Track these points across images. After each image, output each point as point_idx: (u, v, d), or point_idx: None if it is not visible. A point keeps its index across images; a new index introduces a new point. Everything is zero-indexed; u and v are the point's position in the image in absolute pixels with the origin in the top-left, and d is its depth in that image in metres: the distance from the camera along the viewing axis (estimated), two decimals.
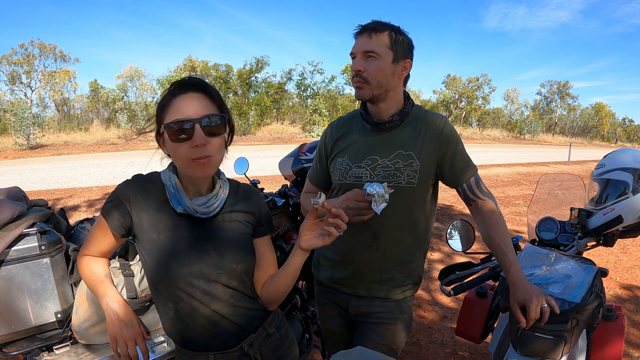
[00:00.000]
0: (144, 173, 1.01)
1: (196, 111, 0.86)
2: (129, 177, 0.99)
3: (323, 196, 0.90)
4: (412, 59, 1.24)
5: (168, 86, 0.93)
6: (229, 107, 0.96)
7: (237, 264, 0.97)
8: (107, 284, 1.01)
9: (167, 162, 0.99)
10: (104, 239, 0.98)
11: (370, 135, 1.27)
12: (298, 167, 2.05)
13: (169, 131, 0.86)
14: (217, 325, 0.97)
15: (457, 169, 1.23)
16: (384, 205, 1.03)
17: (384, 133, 1.25)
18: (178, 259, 0.92)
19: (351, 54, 1.23)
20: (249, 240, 1.02)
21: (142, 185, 0.96)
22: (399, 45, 1.20)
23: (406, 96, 1.27)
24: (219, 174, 1.01)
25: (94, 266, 1.03)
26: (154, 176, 0.99)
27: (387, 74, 1.19)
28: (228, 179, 1.05)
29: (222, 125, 0.89)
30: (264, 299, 1.05)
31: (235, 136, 1.00)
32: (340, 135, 1.33)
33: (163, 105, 0.89)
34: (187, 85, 0.89)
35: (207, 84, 0.91)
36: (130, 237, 0.99)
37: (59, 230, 1.31)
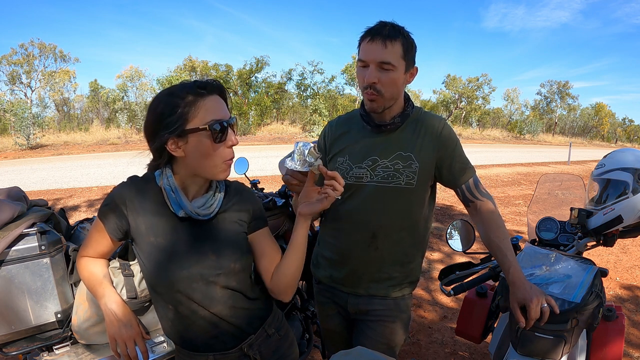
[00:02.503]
0: (140, 175, 1.00)
1: (224, 113, 0.89)
2: (125, 180, 0.97)
3: (319, 160, 0.90)
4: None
5: (184, 80, 0.93)
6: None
7: (234, 262, 0.96)
8: (105, 284, 1.01)
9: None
10: (102, 241, 0.98)
11: (371, 136, 1.27)
12: None
13: (213, 132, 0.86)
14: (216, 327, 0.97)
15: (455, 171, 1.23)
16: (302, 166, 0.92)
17: (384, 134, 1.25)
18: (177, 262, 0.92)
19: (361, 60, 1.17)
20: (245, 239, 1.02)
21: (138, 188, 0.95)
22: (409, 54, 1.17)
23: (406, 98, 1.27)
24: None
25: (93, 267, 1.03)
26: (149, 178, 0.97)
27: (400, 84, 1.18)
28: None
29: (235, 126, 0.93)
30: (277, 288, 1.01)
31: None
32: (340, 134, 1.33)
33: (187, 104, 0.85)
34: (213, 87, 0.90)
35: (225, 89, 0.94)
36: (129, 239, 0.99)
37: (59, 230, 1.30)
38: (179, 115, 0.85)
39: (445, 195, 6.73)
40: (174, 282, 0.91)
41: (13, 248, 1.14)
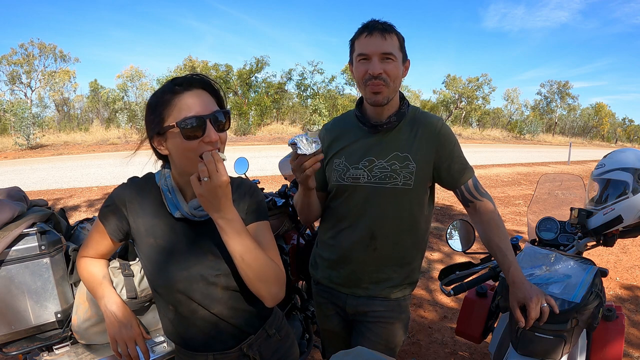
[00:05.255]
0: (140, 175, 1.00)
1: (204, 108, 0.85)
2: (125, 181, 0.97)
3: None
4: None
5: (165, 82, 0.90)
6: (229, 106, 0.95)
7: (233, 264, 0.96)
8: (105, 285, 1.01)
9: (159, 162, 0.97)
10: (102, 242, 0.98)
11: (367, 136, 1.26)
12: None
13: (183, 129, 0.82)
14: (216, 327, 0.97)
15: (454, 171, 1.23)
16: (315, 146, 0.99)
17: (380, 134, 1.25)
18: (176, 263, 0.92)
19: (361, 54, 1.17)
20: None
21: (138, 189, 0.95)
22: (403, 46, 1.21)
23: (401, 97, 1.27)
24: None
25: (93, 268, 1.03)
26: (150, 179, 0.97)
27: (400, 75, 1.20)
28: None
29: (227, 121, 0.89)
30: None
31: (235, 136, 0.98)
32: (335, 136, 1.32)
33: (163, 102, 0.85)
34: (192, 82, 0.87)
35: (211, 81, 0.90)
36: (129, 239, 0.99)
37: (59, 230, 1.30)
38: (157, 114, 0.86)
39: (445, 195, 6.72)
40: (174, 283, 0.91)
41: (13, 248, 1.13)
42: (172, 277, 0.91)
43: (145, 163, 0.99)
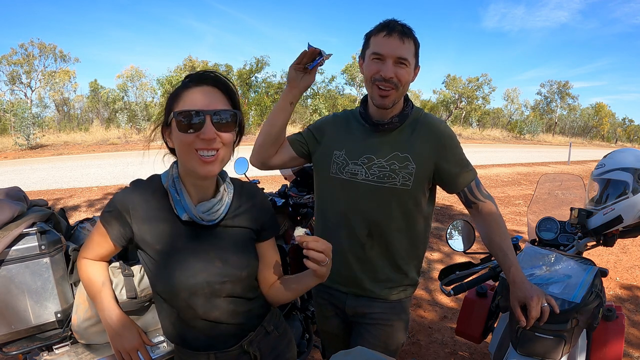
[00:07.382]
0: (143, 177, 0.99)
1: (208, 104, 0.84)
2: (128, 185, 0.96)
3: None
4: None
5: (183, 78, 0.91)
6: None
7: (241, 270, 0.95)
8: (104, 294, 1.01)
9: (168, 161, 0.97)
10: (103, 245, 0.97)
11: (368, 134, 1.26)
12: (298, 167, 2.05)
13: (178, 120, 0.83)
14: (217, 328, 0.97)
15: (456, 174, 1.23)
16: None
17: (381, 134, 1.25)
18: (182, 270, 0.91)
19: (376, 53, 1.15)
20: (252, 245, 1.01)
21: (142, 194, 0.93)
22: (417, 53, 1.20)
23: (405, 98, 1.27)
24: (223, 176, 0.98)
25: (93, 271, 1.02)
26: (154, 181, 0.96)
27: (410, 81, 1.19)
28: (232, 178, 1.02)
29: (232, 122, 0.87)
30: (271, 299, 1.06)
31: None
32: (340, 128, 1.33)
33: (175, 95, 0.87)
34: (204, 78, 0.87)
35: (226, 80, 0.90)
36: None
37: (59, 230, 1.30)
38: (167, 105, 0.88)
39: (445, 195, 6.72)
40: (179, 290, 0.90)
41: (13, 248, 1.13)
42: (178, 284, 0.90)
43: (143, 163, 0.99)
